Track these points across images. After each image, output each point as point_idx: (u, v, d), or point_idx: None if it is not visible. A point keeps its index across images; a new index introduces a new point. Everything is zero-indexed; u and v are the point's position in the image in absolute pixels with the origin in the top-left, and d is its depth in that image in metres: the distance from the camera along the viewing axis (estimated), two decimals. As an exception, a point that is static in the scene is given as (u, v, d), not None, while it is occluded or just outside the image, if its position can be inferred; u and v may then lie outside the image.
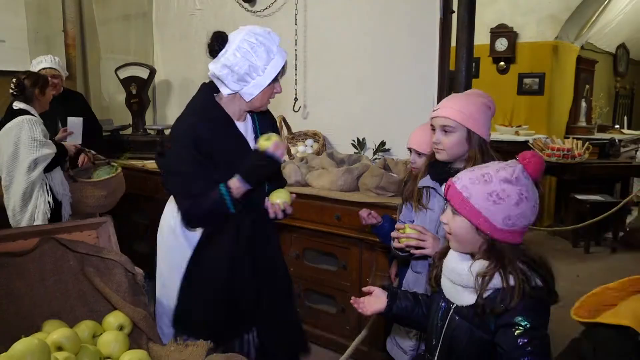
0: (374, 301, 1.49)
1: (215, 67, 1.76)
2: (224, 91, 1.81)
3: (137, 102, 4.20)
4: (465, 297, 1.24)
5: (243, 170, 1.74)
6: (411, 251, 1.69)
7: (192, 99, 1.87)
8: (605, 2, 6.34)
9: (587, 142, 5.25)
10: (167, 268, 1.94)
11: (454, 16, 2.81)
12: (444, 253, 1.34)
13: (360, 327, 2.88)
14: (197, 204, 1.75)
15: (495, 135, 5.58)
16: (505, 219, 1.19)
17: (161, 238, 1.97)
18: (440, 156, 1.69)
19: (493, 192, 1.19)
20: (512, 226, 1.19)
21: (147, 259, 2.03)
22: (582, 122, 6.76)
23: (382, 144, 3.21)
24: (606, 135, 6.47)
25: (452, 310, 1.29)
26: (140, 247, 3.79)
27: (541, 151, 5.09)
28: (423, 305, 1.47)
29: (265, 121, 1.97)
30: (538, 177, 1.22)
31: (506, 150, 2.99)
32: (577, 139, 5.43)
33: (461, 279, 1.24)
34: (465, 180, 1.24)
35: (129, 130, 4.29)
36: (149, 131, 4.28)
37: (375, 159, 3.19)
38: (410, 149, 2.03)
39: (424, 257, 1.70)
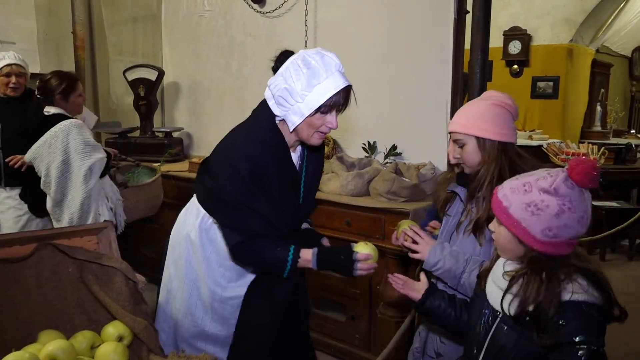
0: (412, 286, 1.50)
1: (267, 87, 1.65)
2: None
3: (145, 105, 4.17)
4: (509, 305, 1.19)
5: (322, 251, 1.65)
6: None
7: (254, 116, 1.71)
8: (622, 5, 6.23)
9: (603, 147, 5.13)
10: (177, 277, 1.85)
11: (468, 17, 2.73)
12: (494, 260, 1.32)
13: (370, 336, 2.81)
14: (253, 245, 1.62)
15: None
16: (545, 230, 1.14)
17: (177, 246, 1.85)
18: (465, 170, 1.65)
19: (531, 202, 1.15)
20: (554, 237, 1.14)
21: (154, 263, 1.97)
22: (597, 127, 6.64)
23: (394, 147, 3.14)
24: (622, 140, 6.35)
25: (498, 319, 1.24)
26: (149, 251, 3.75)
27: (555, 156, 4.98)
28: (458, 308, 1.45)
29: (312, 155, 1.81)
30: (588, 184, 1.14)
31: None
32: (592, 143, 5.30)
33: (501, 281, 1.23)
34: (506, 189, 1.22)
35: (137, 133, 4.25)
36: (156, 134, 4.24)
37: (387, 163, 3.11)
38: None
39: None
